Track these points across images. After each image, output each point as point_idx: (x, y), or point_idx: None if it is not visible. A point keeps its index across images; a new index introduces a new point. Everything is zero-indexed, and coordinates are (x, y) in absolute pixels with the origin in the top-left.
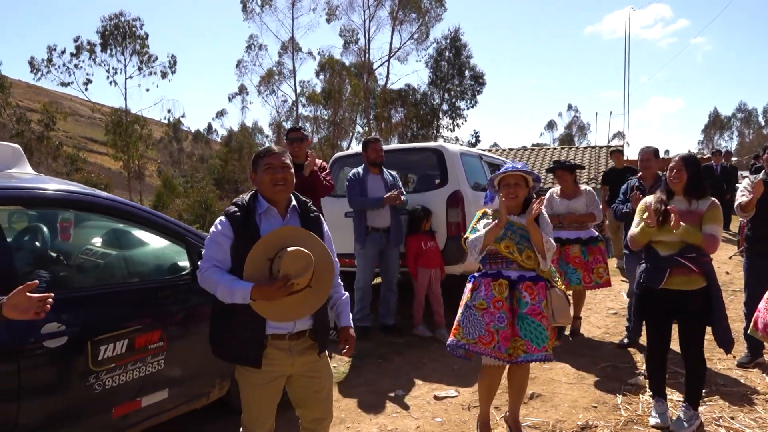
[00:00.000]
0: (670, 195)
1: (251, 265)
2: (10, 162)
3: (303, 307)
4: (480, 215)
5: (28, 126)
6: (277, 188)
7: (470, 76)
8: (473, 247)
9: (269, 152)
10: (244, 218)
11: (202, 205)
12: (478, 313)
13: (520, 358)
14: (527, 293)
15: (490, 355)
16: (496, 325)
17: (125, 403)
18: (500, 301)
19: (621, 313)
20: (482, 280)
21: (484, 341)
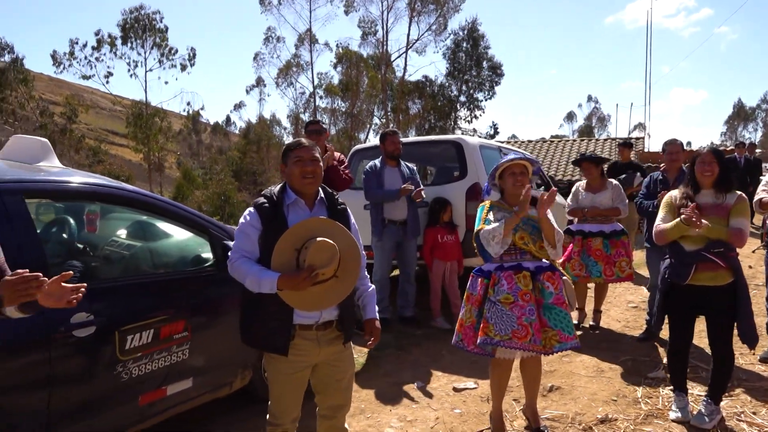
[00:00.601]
0: (696, 189)
1: (279, 256)
2: (38, 155)
3: (329, 297)
4: (488, 207)
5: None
6: (306, 181)
7: (488, 67)
8: (491, 239)
9: (299, 145)
10: (272, 210)
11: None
12: (505, 307)
13: (555, 348)
14: (549, 283)
15: (527, 349)
16: (528, 318)
17: (151, 391)
18: (527, 294)
19: (641, 307)
20: (501, 273)
21: (519, 335)
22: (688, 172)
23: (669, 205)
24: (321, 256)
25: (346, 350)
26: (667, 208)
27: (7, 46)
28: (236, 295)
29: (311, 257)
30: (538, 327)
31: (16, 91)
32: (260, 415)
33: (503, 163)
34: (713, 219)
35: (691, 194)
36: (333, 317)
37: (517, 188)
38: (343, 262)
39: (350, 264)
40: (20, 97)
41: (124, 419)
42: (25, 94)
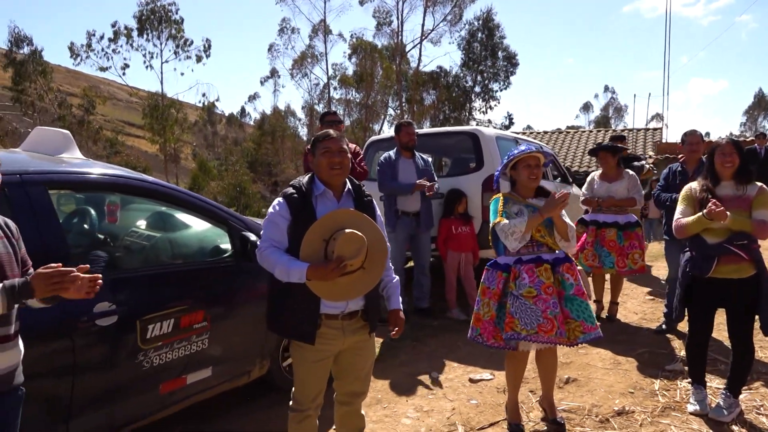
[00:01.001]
0: (715, 181)
1: (307, 246)
2: (60, 147)
3: (356, 288)
4: (502, 199)
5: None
6: (333, 172)
7: (503, 57)
8: (510, 233)
9: (327, 136)
10: (301, 200)
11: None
12: (528, 301)
13: (579, 339)
14: (569, 274)
15: (554, 342)
16: (553, 311)
17: (172, 379)
18: (550, 287)
19: (658, 299)
20: (521, 267)
21: (545, 329)
22: (707, 164)
23: (688, 198)
24: (349, 248)
25: (369, 339)
26: (687, 201)
27: (26, 38)
28: (254, 286)
29: (340, 248)
30: (562, 319)
31: (35, 83)
32: (278, 404)
33: (518, 154)
34: (735, 211)
35: (710, 186)
36: (359, 307)
37: (531, 181)
38: (370, 254)
39: (377, 256)
40: (39, 89)
41: (145, 407)
42: (44, 86)
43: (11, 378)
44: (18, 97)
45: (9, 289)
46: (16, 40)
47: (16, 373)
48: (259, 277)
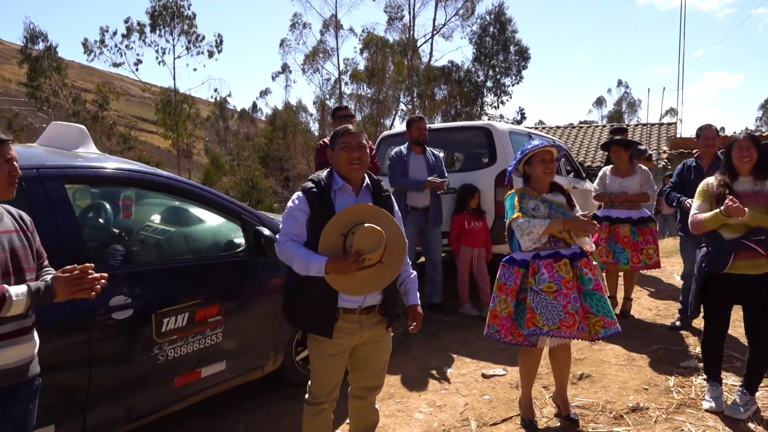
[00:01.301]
0: (733, 176)
1: (326, 240)
2: (76, 142)
3: (374, 282)
4: (519, 195)
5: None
6: (352, 167)
7: (515, 51)
8: (526, 232)
9: (347, 131)
10: (320, 194)
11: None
12: (549, 297)
13: (600, 334)
14: (587, 269)
15: (575, 337)
16: (574, 306)
17: (186, 373)
18: (570, 282)
19: (673, 296)
20: (540, 262)
21: (567, 324)
22: (724, 159)
23: (705, 193)
24: (368, 242)
25: (385, 334)
26: (703, 196)
27: (41, 35)
28: (267, 280)
29: (358, 242)
30: (582, 314)
31: (50, 79)
32: (291, 398)
33: (532, 149)
34: (753, 207)
35: (728, 181)
36: (376, 302)
37: (547, 175)
38: (389, 248)
39: (395, 251)
40: (54, 84)
41: (160, 399)
42: (59, 82)
43: (27, 369)
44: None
45: (34, 292)
46: (31, 36)
47: (32, 365)
48: (272, 272)
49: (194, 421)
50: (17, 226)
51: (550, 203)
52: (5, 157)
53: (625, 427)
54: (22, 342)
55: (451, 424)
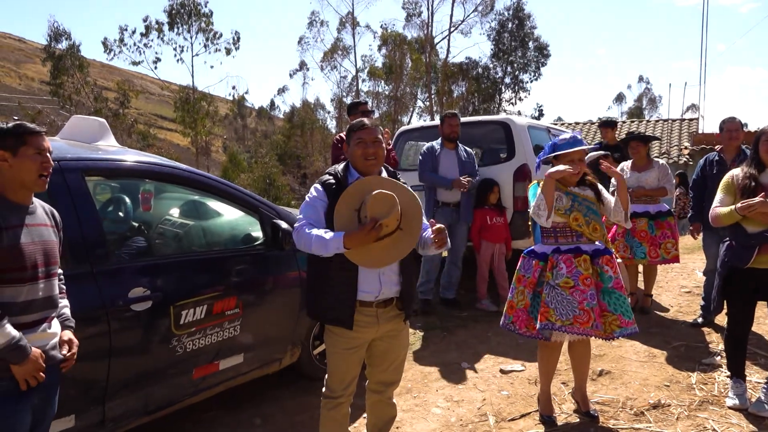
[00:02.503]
0: (760, 168)
1: (339, 218)
2: (96, 135)
3: (397, 249)
4: (541, 186)
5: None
6: (368, 162)
7: (534, 47)
8: (539, 210)
9: (363, 127)
10: (337, 187)
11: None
12: (565, 292)
13: (616, 333)
14: (608, 267)
15: (589, 334)
16: (590, 303)
17: (205, 365)
18: (588, 278)
19: (695, 292)
20: (559, 256)
21: (581, 321)
22: (751, 151)
23: (728, 187)
24: (380, 207)
25: (403, 329)
26: (726, 189)
27: (65, 33)
28: (285, 274)
29: (371, 209)
30: (599, 312)
31: (73, 77)
32: (308, 392)
33: (563, 151)
34: None
35: (754, 173)
36: (393, 294)
37: (572, 176)
38: (406, 215)
39: (412, 216)
40: (76, 82)
41: (178, 391)
42: (81, 80)
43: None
44: (56, 91)
45: (15, 346)
46: (55, 35)
47: (55, 350)
48: (290, 265)
49: (211, 414)
50: (51, 221)
51: (575, 196)
52: (38, 149)
53: (646, 423)
54: (48, 329)
55: (468, 419)
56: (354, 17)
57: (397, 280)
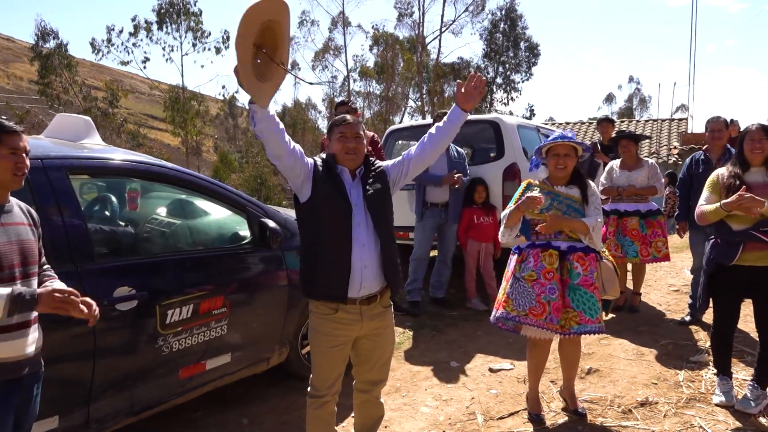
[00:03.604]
0: (745, 167)
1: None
2: (82, 133)
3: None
4: (524, 186)
5: (94, 103)
6: (348, 157)
7: (526, 48)
8: (503, 223)
9: (344, 121)
10: (326, 169)
11: (257, 179)
12: (527, 284)
13: (573, 329)
14: (579, 264)
15: (541, 326)
16: (547, 297)
17: (191, 365)
18: (551, 272)
19: (683, 291)
20: (530, 251)
21: (535, 312)
22: (737, 150)
23: (714, 185)
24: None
25: (388, 327)
26: (712, 187)
27: (52, 32)
28: (273, 273)
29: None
30: (559, 306)
31: (61, 77)
32: (296, 391)
33: (547, 143)
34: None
35: (739, 173)
36: (376, 290)
37: (559, 170)
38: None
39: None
40: (64, 82)
41: (164, 391)
42: (69, 79)
43: (32, 361)
44: (44, 91)
45: (17, 296)
46: (42, 34)
47: (37, 357)
48: (277, 264)
49: (198, 414)
50: (29, 220)
51: (556, 196)
52: (13, 148)
53: (634, 421)
54: (28, 334)
55: (457, 417)
56: (345, 17)
57: (379, 275)
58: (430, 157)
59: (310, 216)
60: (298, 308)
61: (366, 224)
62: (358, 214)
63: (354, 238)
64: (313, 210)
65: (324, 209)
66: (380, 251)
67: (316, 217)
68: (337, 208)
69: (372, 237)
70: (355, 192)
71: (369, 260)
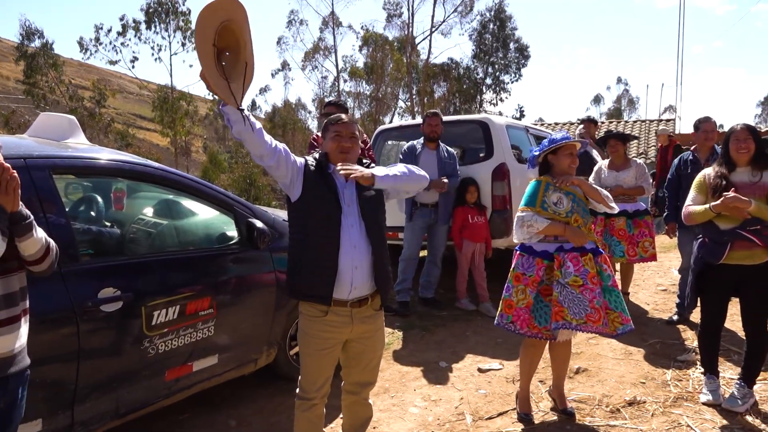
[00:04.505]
0: (731, 167)
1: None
2: (66, 133)
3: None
4: (543, 186)
5: (80, 103)
6: (341, 156)
7: (515, 48)
8: (526, 226)
9: (339, 120)
10: (318, 170)
11: (246, 180)
12: (575, 290)
13: (618, 330)
14: (606, 266)
15: (600, 332)
16: (599, 301)
17: (178, 367)
18: (595, 276)
19: (671, 290)
20: (565, 255)
21: (593, 319)
22: (722, 150)
23: (700, 185)
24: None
25: (378, 330)
26: (698, 188)
27: (37, 31)
28: (261, 273)
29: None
30: (605, 309)
31: (47, 76)
32: (284, 393)
33: (562, 141)
34: (751, 198)
35: (725, 173)
36: (367, 292)
37: (572, 169)
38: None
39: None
40: (50, 81)
41: (150, 393)
42: (55, 79)
43: (16, 360)
44: (30, 90)
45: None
46: (27, 33)
47: (21, 356)
48: (265, 265)
49: (186, 416)
50: None
51: (574, 196)
52: None
53: (622, 420)
54: (12, 331)
55: (446, 418)
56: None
57: (370, 278)
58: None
59: (300, 215)
60: (286, 309)
61: (359, 226)
62: (351, 215)
63: (345, 239)
64: (302, 210)
65: (314, 209)
66: (372, 254)
67: (305, 217)
68: (328, 208)
69: (364, 239)
70: (348, 192)
71: (360, 262)
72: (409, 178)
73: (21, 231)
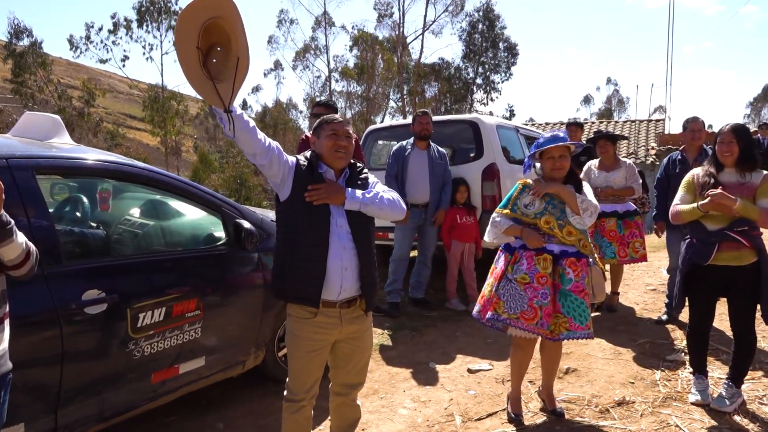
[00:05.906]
0: (719, 168)
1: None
2: (50, 132)
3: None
4: (521, 187)
5: (69, 102)
6: (337, 155)
7: (504, 48)
8: (492, 226)
9: (335, 119)
10: (309, 170)
11: (237, 180)
12: (519, 287)
13: (562, 335)
14: (571, 269)
15: (532, 331)
16: (540, 301)
17: (164, 369)
18: (544, 277)
19: (660, 290)
20: (524, 253)
21: (527, 317)
22: (712, 151)
23: (689, 185)
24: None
25: (367, 330)
26: (687, 187)
27: (26, 30)
28: (248, 275)
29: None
30: (550, 311)
31: (35, 75)
32: (273, 395)
33: (542, 147)
34: (743, 200)
35: (713, 173)
36: (356, 293)
37: (554, 171)
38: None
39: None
40: (39, 80)
41: (136, 396)
42: (44, 78)
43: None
44: (18, 89)
45: None
46: (15, 32)
47: (3, 360)
48: (253, 266)
49: (173, 418)
50: None
51: (551, 199)
52: None
53: (611, 420)
54: None
55: (435, 419)
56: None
57: (359, 279)
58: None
59: (288, 215)
60: (274, 310)
61: (348, 227)
62: (340, 216)
63: (334, 240)
64: (291, 209)
65: (303, 209)
66: (358, 257)
67: (293, 217)
68: (317, 208)
69: (353, 240)
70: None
71: (350, 263)
72: (381, 208)
73: (1, 236)
